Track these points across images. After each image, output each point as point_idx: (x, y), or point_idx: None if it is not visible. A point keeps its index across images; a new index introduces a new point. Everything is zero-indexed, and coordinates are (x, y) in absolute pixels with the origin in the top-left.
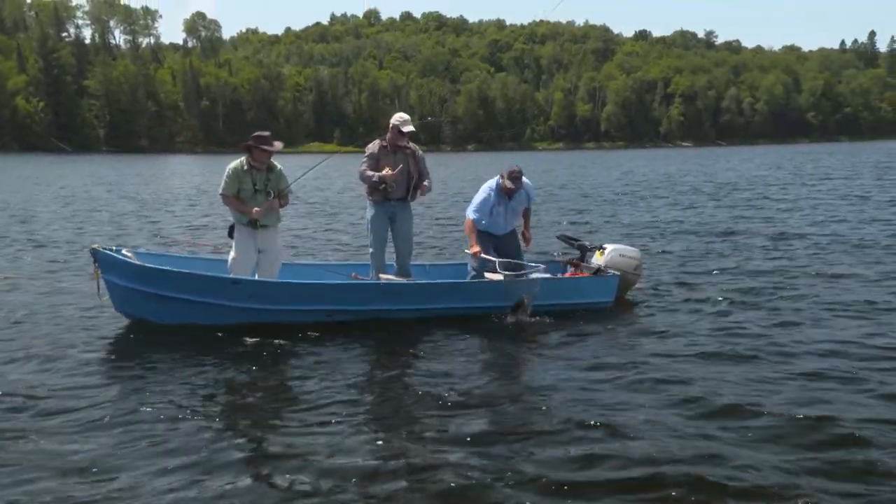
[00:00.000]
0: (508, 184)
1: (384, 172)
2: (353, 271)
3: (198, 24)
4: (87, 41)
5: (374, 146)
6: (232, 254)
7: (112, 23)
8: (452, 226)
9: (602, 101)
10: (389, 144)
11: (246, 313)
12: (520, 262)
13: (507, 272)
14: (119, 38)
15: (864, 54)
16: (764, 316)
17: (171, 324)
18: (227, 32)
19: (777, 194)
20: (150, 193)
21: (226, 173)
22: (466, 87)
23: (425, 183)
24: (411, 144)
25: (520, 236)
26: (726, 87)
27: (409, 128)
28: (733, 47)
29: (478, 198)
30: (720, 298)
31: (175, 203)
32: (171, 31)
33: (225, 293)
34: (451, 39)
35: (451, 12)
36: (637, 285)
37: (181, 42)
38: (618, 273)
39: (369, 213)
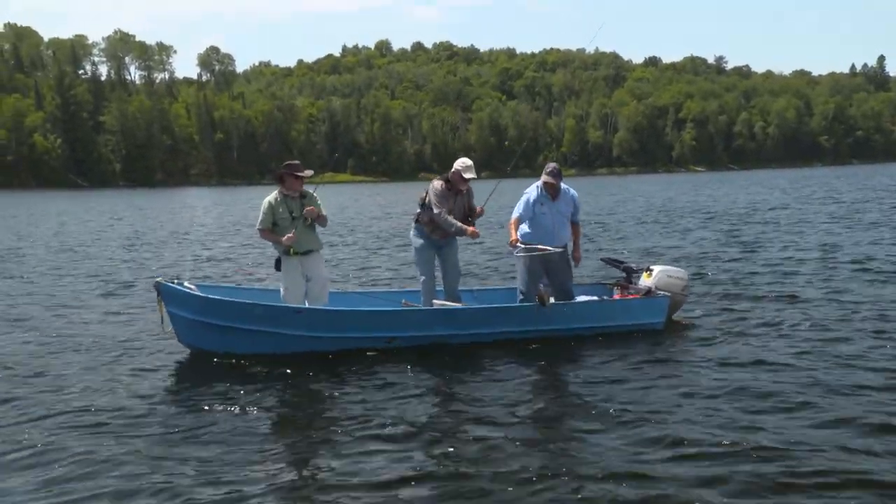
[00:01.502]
0: (547, 178)
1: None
2: (404, 299)
3: (212, 58)
4: (103, 77)
5: (439, 187)
6: (282, 286)
7: (127, 59)
8: (497, 252)
9: (614, 127)
10: (452, 187)
11: (308, 342)
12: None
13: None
14: (134, 73)
15: (874, 78)
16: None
17: (235, 353)
18: (241, 66)
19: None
20: (179, 226)
21: (262, 208)
22: (478, 115)
23: (478, 209)
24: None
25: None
26: (738, 111)
27: (471, 175)
28: (743, 72)
29: (521, 199)
30: (769, 320)
31: (207, 235)
32: (185, 66)
33: (287, 322)
34: (463, 68)
35: (461, 42)
36: (684, 306)
37: (195, 76)
38: (668, 294)
39: (417, 241)
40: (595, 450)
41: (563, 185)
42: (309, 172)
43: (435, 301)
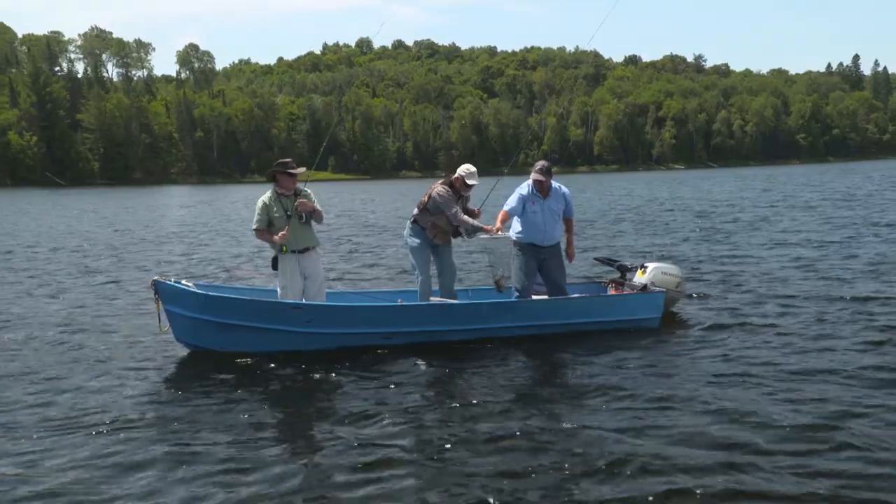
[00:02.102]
0: (537, 175)
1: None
2: (399, 297)
3: (191, 55)
4: (80, 75)
5: (444, 191)
6: (280, 284)
7: (105, 56)
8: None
9: (594, 125)
10: (456, 191)
11: (306, 338)
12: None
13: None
14: (112, 71)
15: (850, 77)
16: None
17: (232, 351)
18: (220, 63)
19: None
20: (164, 225)
21: (256, 207)
22: (459, 113)
23: (476, 210)
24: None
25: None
26: (717, 109)
27: (474, 181)
28: (722, 71)
29: (514, 194)
30: (763, 314)
31: (194, 234)
32: (163, 64)
33: (286, 319)
34: (444, 66)
35: (442, 40)
36: (679, 302)
37: (174, 74)
38: (664, 290)
39: (413, 241)
40: (594, 444)
41: (554, 184)
42: (301, 170)
43: (432, 299)
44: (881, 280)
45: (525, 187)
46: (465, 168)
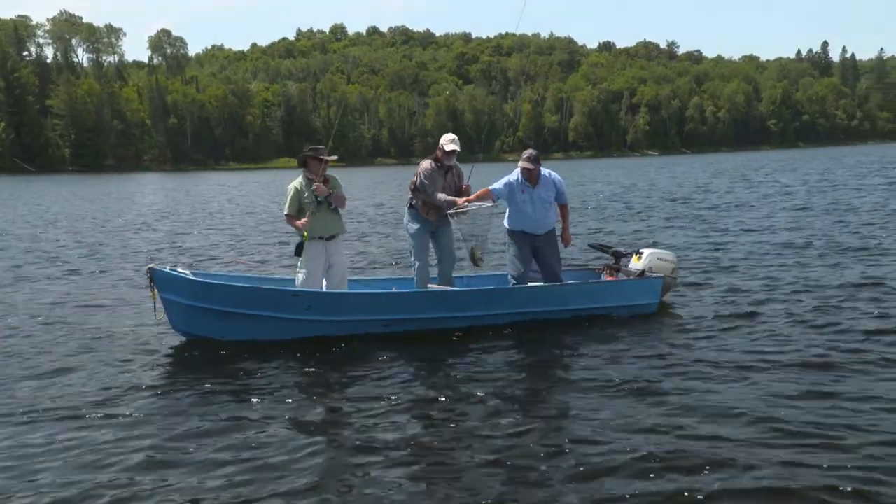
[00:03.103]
0: (525, 163)
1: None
2: (394, 286)
3: (163, 41)
4: (49, 60)
5: (429, 166)
6: (302, 271)
7: (74, 41)
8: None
9: (569, 111)
10: (442, 165)
11: (305, 326)
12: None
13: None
14: (82, 56)
15: (819, 63)
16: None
17: (231, 340)
18: (193, 49)
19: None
20: (141, 212)
21: (288, 193)
22: (435, 99)
23: (465, 185)
24: (456, 162)
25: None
26: (690, 96)
27: (452, 147)
28: (695, 57)
29: (504, 178)
30: (757, 299)
31: (172, 221)
32: (135, 49)
33: (284, 306)
34: (419, 53)
35: (417, 26)
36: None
37: (146, 60)
38: (661, 276)
39: (412, 226)
40: (594, 430)
41: (543, 171)
42: (332, 157)
43: (430, 286)
44: (868, 263)
45: (514, 174)
46: (445, 136)
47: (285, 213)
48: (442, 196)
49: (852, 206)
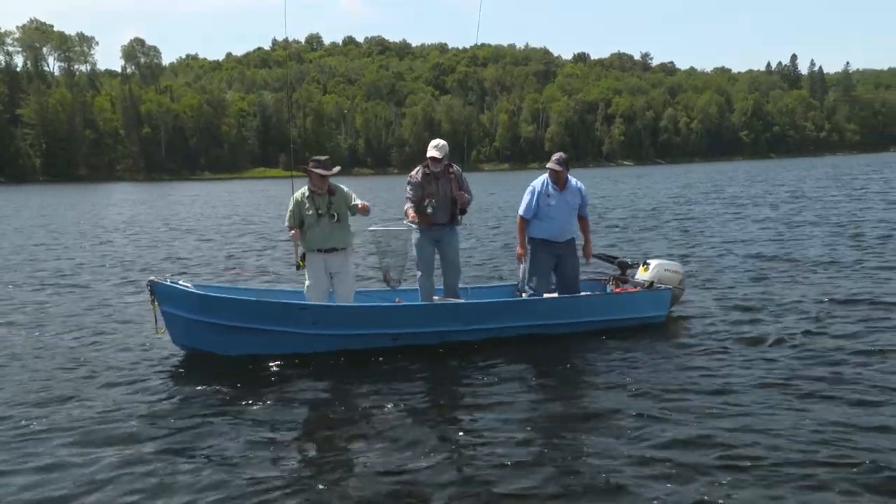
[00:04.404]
0: (553, 166)
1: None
2: (398, 297)
3: (136, 50)
4: (19, 69)
5: (416, 174)
6: (307, 281)
7: (45, 50)
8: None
9: (545, 122)
10: (431, 171)
11: (311, 340)
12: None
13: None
14: (53, 65)
15: (788, 76)
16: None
17: (234, 355)
18: (167, 58)
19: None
20: (125, 222)
21: (289, 205)
22: (411, 110)
23: (465, 195)
24: (454, 167)
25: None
26: (664, 107)
27: (433, 153)
28: (668, 69)
29: (525, 195)
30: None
31: (151, 232)
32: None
33: (291, 320)
34: (395, 63)
35: (393, 36)
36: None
37: (119, 69)
38: (670, 287)
39: (414, 237)
40: (607, 444)
41: (570, 178)
42: (336, 169)
43: (435, 298)
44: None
45: (539, 182)
46: (432, 142)
47: (286, 225)
48: (407, 210)
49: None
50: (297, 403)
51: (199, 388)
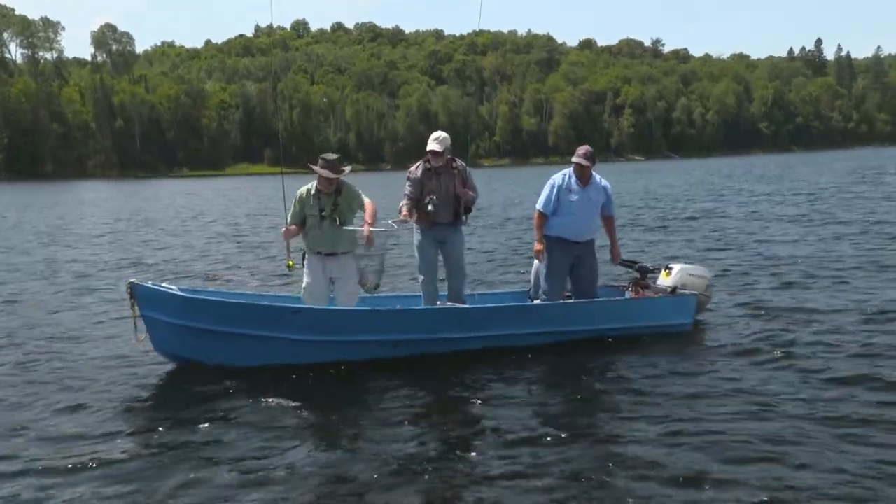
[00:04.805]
0: (579, 160)
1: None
2: (398, 304)
3: (107, 36)
4: None
5: (416, 170)
6: (304, 279)
7: (6, 35)
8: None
9: (549, 113)
10: (432, 166)
11: (305, 347)
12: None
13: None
14: (15, 52)
15: (812, 62)
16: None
17: (222, 364)
18: (141, 46)
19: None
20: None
21: (294, 200)
22: (405, 101)
23: (470, 193)
24: (458, 162)
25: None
26: (676, 96)
27: (434, 146)
28: (681, 56)
29: (545, 185)
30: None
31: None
32: (76, 46)
33: (283, 325)
34: (388, 51)
35: (385, 22)
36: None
37: (89, 57)
38: (695, 293)
39: (416, 238)
40: (626, 462)
41: (594, 174)
42: (347, 169)
43: (438, 303)
44: None
45: (560, 176)
46: (432, 135)
47: (288, 223)
48: (402, 202)
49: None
50: (288, 420)
51: (179, 402)
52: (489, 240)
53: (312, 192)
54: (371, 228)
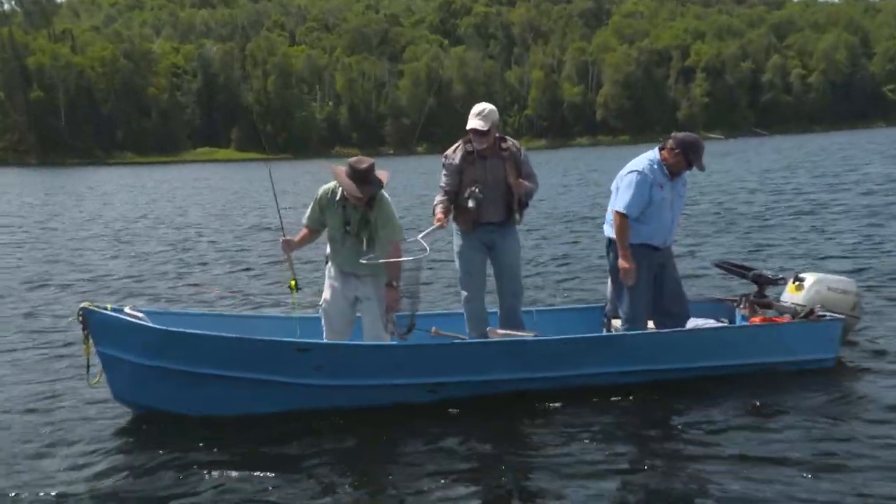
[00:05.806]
0: (673, 152)
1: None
2: (433, 325)
3: None
4: None
5: (454, 153)
6: (324, 293)
7: None
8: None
9: (597, 80)
10: (474, 149)
11: (315, 394)
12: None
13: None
14: None
15: None
16: None
17: (200, 415)
18: None
19: None
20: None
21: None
22: (411, 66)
23: (526, 183)
24: (509, 142)
25: None
26: (767, 54)
27: (476, 123)
28: (773, 1)
29: (628, 179)
30: None
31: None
32: None
33: (287, 365)
34: (388, 3)
35: None
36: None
37: None
38: (841, 316)
39: (457, 243)
40: None
41: None
42: (384, 179)
43: (489, 329)
44: None
45: (647, 167)
46: (474, 109)
47: (302, 222)
48: (436, 200)
49: None
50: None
51: (151, 461)
52: (549, 238)
53: (338, 197)
54: (395, 259)
